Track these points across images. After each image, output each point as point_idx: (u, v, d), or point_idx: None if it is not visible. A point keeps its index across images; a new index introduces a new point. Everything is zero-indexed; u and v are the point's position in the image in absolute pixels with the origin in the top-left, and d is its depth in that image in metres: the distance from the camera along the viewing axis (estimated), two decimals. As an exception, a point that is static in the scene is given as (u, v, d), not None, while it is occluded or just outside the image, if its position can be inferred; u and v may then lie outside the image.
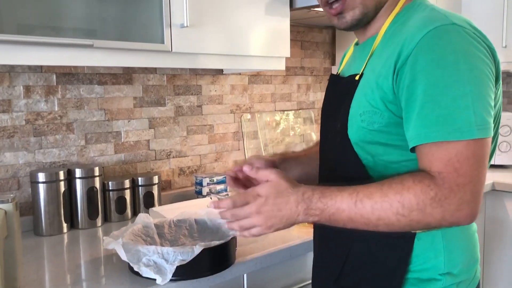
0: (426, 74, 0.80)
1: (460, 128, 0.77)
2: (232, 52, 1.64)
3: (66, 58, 1.29)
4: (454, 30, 0.82)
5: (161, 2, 1.42)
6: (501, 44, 2.43)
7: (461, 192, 0.77)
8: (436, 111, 0.78)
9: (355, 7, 0.95)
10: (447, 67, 0.79)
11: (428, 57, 0.80)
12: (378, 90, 0.87)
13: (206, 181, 1.83)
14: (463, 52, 0.80)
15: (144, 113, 1.83)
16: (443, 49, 0.80)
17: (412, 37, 0.83)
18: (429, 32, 0.81)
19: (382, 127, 0.88)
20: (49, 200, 1.50)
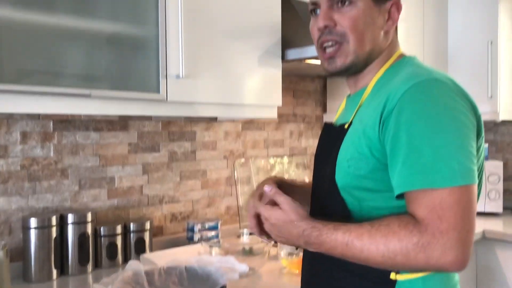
0: (409, 125, 0.84)
1: (443, 176, 0.80)
2: (226, 101, 1.69)
3: (63, 107, 1.33)
4: (437, 85, 0.87)
5: (158, 54, 1.48)
6: (487, 94, 2.51)
7: (444, 239, 0.79)
8: (420, 160, 0.82)
9: (347, 55, 1.00)
10: (429, 119, 0.83)
11: (411, 109, 0.85)
12: (365, 138, 0.92)
13: (198, 227, 1.83)
14: (444, 104, 0.85)
15: (138, 159, 1.86)
16: (425, 102, 0.85)
17: (397, 90, 0.88)
18: (413, 85, 0.86)
19: (367, 173, 0.92)
20: (40, 246, 1.50)
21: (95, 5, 1.36)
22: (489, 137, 2.94)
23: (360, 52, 1.00)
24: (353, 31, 0.98)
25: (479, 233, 2.25)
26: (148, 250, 1.74)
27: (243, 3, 1.72)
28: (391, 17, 1.02)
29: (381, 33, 1.01)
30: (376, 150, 0.90)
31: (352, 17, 0.98)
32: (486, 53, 2.52)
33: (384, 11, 1.01)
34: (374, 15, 0.99)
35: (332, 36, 1.00)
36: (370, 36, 1.00)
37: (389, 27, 1.02)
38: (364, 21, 0.99)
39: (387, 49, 1.03)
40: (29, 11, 1.25)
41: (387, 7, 1.01)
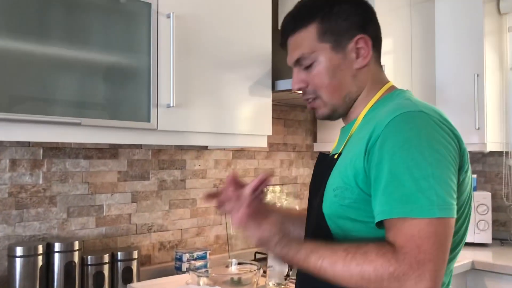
0: (391, 155, 0.86)
1: (422, 206, 0.81)
2: (216, 130, 1.71)
3: (54, 135, 1.34)
4: (421, 116, 0.88)
5: (149, 83, 1.50)
6: (474, 126, 2.56)
7: (420, 270, 0.79)
8: (399, 190, 0.83)
9: (325, 106, 1.05)
10: (411, 149, 0.84)
11: (394, 138, 0.86)
12: (351, 168, 0.93)
13: (186, 256, 1.82)
14: (427, 136, 0.86)
15: (127, 187, 1.86)
16: (408, 133, 0.86)
17: (383, 120, 0.90)
18: (397, 116, 0.88)
19: (352, 202, 0.93)
20: (25, 275, 1.48)
21: (87, 34, 1.39)
22: (477, 168, 2.97)
23: (334, 101, 1.04)
24: (321, 87, 1.03)
25: (468, 263, 2.25)
26: (136, 280, 1.72)
27: (234, 34, 1.76)
28: (360, 54, 1.02)
29: (353, 74, 1.03)
30: (360, 180, 0.91)
31: (317, 75, 1.02)
32: (472, 86, 2.57)
33: (350, 52, 1.02)
34: (339, 62, 1.02)
35: (306, 95, 1.06)
36: (340, 84, 1.02)
37: (361, 63, 1.03)
38: (329, 75, 1.02)
39: (368, 83, 1.05)
40: (22, 40, 1.28)
41: (351, 47, 1.02)
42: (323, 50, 1.02)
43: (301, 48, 1.04)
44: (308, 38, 1.03)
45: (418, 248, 0.80)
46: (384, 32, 1.08)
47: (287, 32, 1.07)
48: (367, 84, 1.05)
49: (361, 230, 0.93)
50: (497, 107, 2.73)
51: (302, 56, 1.03)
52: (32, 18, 1.29)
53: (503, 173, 2.84)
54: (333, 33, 1.01)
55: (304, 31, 1.03)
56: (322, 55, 1.01)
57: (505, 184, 2.83)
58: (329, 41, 1.01)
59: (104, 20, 1.43)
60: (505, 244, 2.64)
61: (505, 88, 2.81)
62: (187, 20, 1.61)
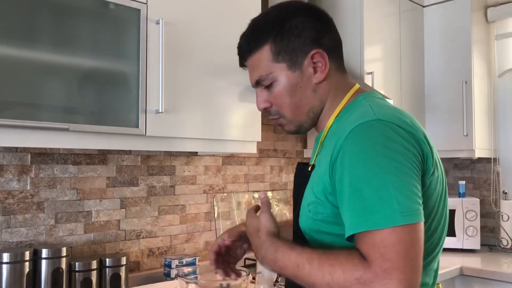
0: (350, 167, 0.85)
1: (384, 216, 0.80)
2: (205, 136, 1.71)
3: (41, 141, 1.33)
4: (377, 126, 0.87)
5: (138, 89, 1.50)
6: (462, 133, 2.58)
7: (387, 279, 0.78)
8: (360, 203, 0.83)
9: (290, 123, 1.05)
10: (367, 160, 0.84)
11: (351, 151, 0.86)
12: (321, 183, 0.94)
13: (175, 263, 1.82)
14: (382, 145, 0.85)
15: (116, 193, 1.85)
16: (364, 143, 0.86)
17: (343, 133, 0.90)
18: (355, 127, 0.88)
19: (325, 217, 0.93)
20: (12, 281, 1.47)
21: (76, 40, 1.39)
22: (465, 174, 2.99)
23: (298, 117, 1.04)
24: (283, 106, 1.03)
25: (456, 269, 2.26)
26: (124, 286, 1.71)
27: (224, 39, 1.76)
28: (318, 68, 1.01)
29: (313, 89, 1.02)
30: (329, 194, 0.91)
31: (278, 95, 1.02)
32: (461, 93, 2.60)
33: (306, 68, 1.01)
34: (296, 80, 1.01)
35: (271, 115, 1.06)
36: (300, 101, 1.02)
37: (319, 78, 1.01)
38: (288, 94, 1.01)
39: (331, 94, 1.03)
40: (9, 45, 1.27)
41: (308, 63, 1.00)
42: (280, 70, 1.01)
43: (258, 70, 1.03)
44: (264, 59, 1.02)
45: (383, 257, 0.79)
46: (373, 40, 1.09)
47: (243, 54, 1.06)
48: (330, 95, 1.03)
49: (337, 243, 0.93)
50: (485, 114, 2.76)
51: (260, 78, 1.03)
52: (20, 24, 1.29)
53: (491, 179, 2.86)
54: (287, 52, 1.00)
55: (258, 52, 1.02)
56: (279, 75, 1.01)
57: (493, 190, 2.86)
58: (284, 60, 1.00)
59: (93, 26, 1.43)
60: (493, 250, 2.66)
61: (493, 95, 2.84)
62: (176, 26, 1.61)
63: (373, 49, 2.38)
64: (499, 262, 2.40)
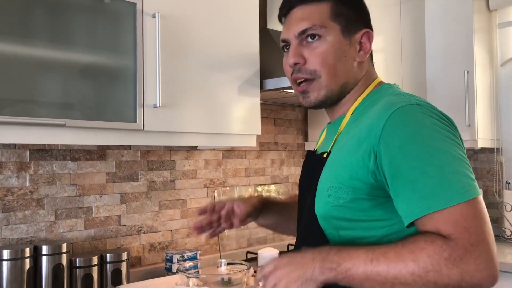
0: (405, 150, 0.83)
1: (457, 191, 0.80)
2: (204, 130, 1.70)
3: (39, 137, 1.33)
4: (419, 109, 0.87)
5: (135, 83, 1.49)
6: (465, 123, 2.56)
7: (477, 252, 0.77)
8: (428, 182, 0.81)
9: (320, 89, 1.00)
10: (423, 140, 0.83)
11: (401, 134, 0.85)
12: (346, 168, 0.91)
13: (176, 257, 1.81)
14: (432, 125, 0.85)
15: (116, 189, 1.84)
16: (414, 125, 0.85)
17: (379, 118, 0.88)
18: (395, 111, 0.86)
19: (347, 202, 0.90)
20: (12, 278, 1.47)
21: (71, 35, 1.38)
22: (469, 165, 2.97)
23: (333, 85, 1.00)
24: (323, 66, 0.98)
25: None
26: (125, 282, 1.71)
27: (222, 33, 1.75)
28: (362, 47, 1.02)
29: (354, 65, 1.01)
30: (357, 180, 0.89)
31: (321, 53, 0.98)
32: (463, 83, 2.57)
33: (354, 42, 1.01)
34: (344, 47, 1.00)
35: (302, 74, 1.00)
36: (342, 69, 1.00)
37: (362, 57, 1.02)
38: (334, 56, 0.98)
39: (362, 78, 1.04)
40: (5, 41, 1.26)
41: (357, 38, 1.01)
42: (333, 29, 0.99)
43: (311, 20, 0.98)
44: (321, 13, 0.99)
45: (468, 231, 0.78)
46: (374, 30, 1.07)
47: (296, 2, 1.01)
48: (362, 78, 1.04)
49: (357, 229, 0.91)
50: (488, 104, 2.74)
51: (312, 27, 0.98)
52: (16, 20, 1.28)
53: (494, 169, 2.84)
54: (344, 18, 1.00)
55: (316, 5, 1.00)
56: (331, 34, 0.99)
57: (497, 180, 2.84)
58: (340, 23, 0.99)
59: (88, 21, 1.42)
60: (497, 240, 2.62)
61: (495, 85, 2.81)
62: (173, 20, 1.60)
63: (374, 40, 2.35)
64: (503, 253, 2.38)
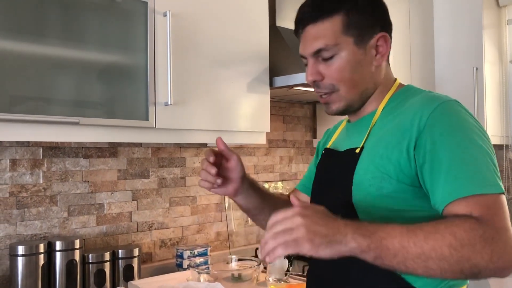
0: (446, 138, 0.89)
1: (490, 183, 0.85)
2: (215, 128, 1.71)
3: (53, 135, 1.35)
4: (459, 106, 0.95)
5: (146, 81, 1.51)
6: (474, 119, 2.55)
7: (505, 236, 0.81)
8: (465, 168, 0.86)
9: (340, 101, 1.03)
10: (464, 131, 0.90)
11: (445, 124, 0.90)
12: (388, 158, 0.93)
13: (187, 253, 1.83)
14: (470, 121, 0.92)
15: (127, 185, 1.86)
16: (456, 117, 0.91)
17: (423, 110, 0.92)
18: (440, 105, 0.92)
19: (390, 192, 0.93)
20: (27, 273, 1.50)
21: (84, 34, 1.39)
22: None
23: (353, 96, 1.03)
24: (340, 81, 1.01)
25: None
26: (137, 277, 1.73)
27: (232, 31, 1.76)
28: (379, 51, 1.02)
29: (371, 70, 1.03)
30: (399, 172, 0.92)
31: (337, 69, 1.00)
32: (472, 79, 2.57)
33: (370, 48, 1.01)
34: (359, 58, 1.00)
35: (321, 89, 1.03)
36: (359, 79, 1.02)
37: (379, 61, 1.03)
38: (350, 69, 1.00)
39: (383, 80, 1.05)
40: (19, 40, 1.28)
41: (372, 43, 1.01)
42: (346, 43, 0.99)
43: (324, 39, 0.99)
44: (333, 29, 0.99)
45: (498, 216, 0.83)
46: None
47: (308, 20, 1.02)
48: (382, 80, 1.06)
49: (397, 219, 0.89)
50: (497, 101, 2.73)
51: (325, 47, 0.99)
52: (29, 18, 1.30)
53: (503, 166, 2.84)
54: (357, 27, 1.00)
55: (328, 21, 0.99)
56: (345, 49, 0.99)
57: (506, 177, 2.83)
58: (353, 35, 1.00)
59: (100, 19, 1.43)
60: (506, 237, 2.64)
61: (504, 81, 2.80)
62: (183, 18, 1.61)
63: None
64: None
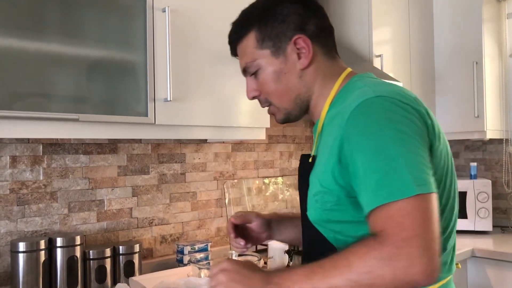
0: (358, 146, 0.84)
1: (398, 188, 0.78)
2: (214, 123, 1.71)
3: (52, 131, 1.35)
4: (378, 101, 0.86)
5: (146, 78, 1.51)
6: (474, 114, 2.56)
7: (409, 247, 0.74)
8: (373, 177, 0.81)
9: (279, 111, 1.06)
10: (374, 135, 0.83)
11: (356, 130, 0.85)
12: (327, 170, 0.92)
13: (187, 249, 1.84)
14: (386, 119, 0.84)
15: (128, 182, 1.87)
16: (368, 120, 0.85)
17: (344, 114, 0.89)
18: (355, 108, 0.87)
19: (334, 205, 0.92)
20: (28, 270, 1.50)
21: (84, 31, 1.39)
22: (477, 156, 2.97)
23: (286, 105, 1.04)
24: (269, 94, 1.04)
25: (468, 251, 2.26)
26: (138, 273, 1.73)
27: (231, 27, 1.75)
28: (301, 54, 1.00)
29: (298, 75, 1.01)
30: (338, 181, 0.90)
31: (262, 83, 1.03)
32: (471, 74, 2.57)
33: (290, 54, 1.00)
34: (280, 67, 1.01)
35: (262, 103, 1.08)
36: (286, 88, 1.01)
37: (304, 64, 1.00)
38: (273, 80, 1.01)
39: (319, 79, 1.02)
40: (18, 37, 1.28)
41: (290, 48, 1.00)
42: (264, 57, 1.01)
43: (244, 57, 1.05)
44: (249, 47, 1.03)
45: (400, 226, 0.76)
46: (382, 22, 1.08)
47: (233, 41, 1.08)
48: (318, 80, 1.02)
49: (350, 229, 0.92)
50: (497, 95, 2.73)
51: (246, 65, 1.05)
52: (28, 14, 1.29)
53: (503, 160, 2.84)
54: (271, 38, 1.00)
55: (245, 39, 1.03)
56: (264, 62, 1.01)
57: (506, 171, 2.84)
58: (268, 46, 1.01)
59: (99, 15, 1.43)
60: (505, 231, 2.65)
61: (504, 76, 2.80)
62: (182, 14, 1.61)
63: (382, 32, 2.35)
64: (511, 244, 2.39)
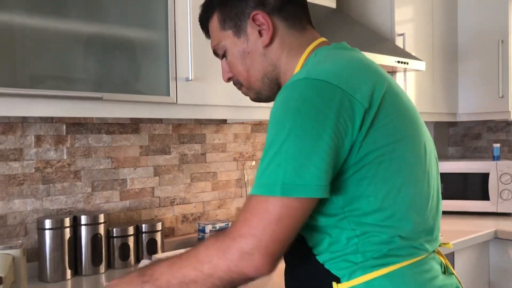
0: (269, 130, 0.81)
1: (265, 184, 0.77)
2: (235, 103, 1.71)
3: (76, 110, 1.36)
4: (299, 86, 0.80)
5: (167, 57, 1.51)
6: (498, 94, 2.50)
7: (241, 243, 0.76)
8: (261, 166, 0.80)
9: (250, 91, 1.05)
10: (275, 125, 0.79)
11: (270, 116, 0.82)
12: None
13: (208, 228, 1.86)
14: (294, 109, 0.78)
15: (149, 161, 1.89)
16: (278, 107, 0.81)
17: None
18: (281, 90, 0.83)
19: None
20: (55, 246, 1.54)
21: (105, 10, 1.40)
22: (501, 137, 2.92)
23: (254, 85, 1.02)
24: (237, 75, 1.02)
25: (491, 233, 2.24)
26: (160, 251, 1.76)
27: (251, 6, 1.74)
28: (262, 30, 0.96)
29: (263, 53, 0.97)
30: None
31: (230, 64, 1.02)
32: (496, 52, 2.51)
33: (251, 32, 0.97)
34: (243, 47, 0.98)
35: (235, 85, 1.07)
36: (252, 67, 0.99)
37: (265, 41, 0.96)
38: (239, 61, 1.00)
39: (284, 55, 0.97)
40: (41, 17, 1.29)
41: (250, 26, 0.97)
42: (227, 38, 1.00)
43: (213, 41, 1.04)
44: (214, 28, 1.02)
45: (245, 222, 0.77)
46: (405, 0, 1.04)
47: (202, 25, 1.07)
48: (283, 57, 0.97)
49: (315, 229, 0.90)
50: (522, 74, 2.66)
51: (214, 48, 1.04)
52: (50, -5, 1.30)
53: (527, 141, 2.78)
54: (231, 18, 0.98)
55: (211, 22, 1.02)
56: (228, 43, 1.00)
57: (530, 152, 2.78)
58: (230, 27, 0.99)
59: (121, -5, 1.43)
60: (528, 213, 2.61)
61: (530, 54, 2.73)
62: (203, -8, 1.60)
63: (404, 10, 2.31)
64: (535, 225, 2.36)
